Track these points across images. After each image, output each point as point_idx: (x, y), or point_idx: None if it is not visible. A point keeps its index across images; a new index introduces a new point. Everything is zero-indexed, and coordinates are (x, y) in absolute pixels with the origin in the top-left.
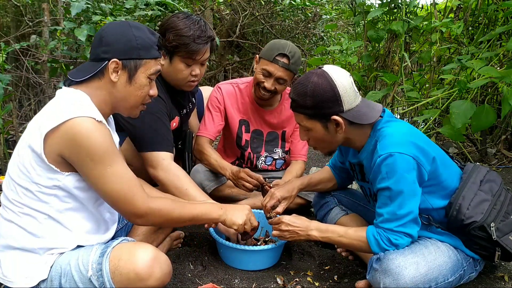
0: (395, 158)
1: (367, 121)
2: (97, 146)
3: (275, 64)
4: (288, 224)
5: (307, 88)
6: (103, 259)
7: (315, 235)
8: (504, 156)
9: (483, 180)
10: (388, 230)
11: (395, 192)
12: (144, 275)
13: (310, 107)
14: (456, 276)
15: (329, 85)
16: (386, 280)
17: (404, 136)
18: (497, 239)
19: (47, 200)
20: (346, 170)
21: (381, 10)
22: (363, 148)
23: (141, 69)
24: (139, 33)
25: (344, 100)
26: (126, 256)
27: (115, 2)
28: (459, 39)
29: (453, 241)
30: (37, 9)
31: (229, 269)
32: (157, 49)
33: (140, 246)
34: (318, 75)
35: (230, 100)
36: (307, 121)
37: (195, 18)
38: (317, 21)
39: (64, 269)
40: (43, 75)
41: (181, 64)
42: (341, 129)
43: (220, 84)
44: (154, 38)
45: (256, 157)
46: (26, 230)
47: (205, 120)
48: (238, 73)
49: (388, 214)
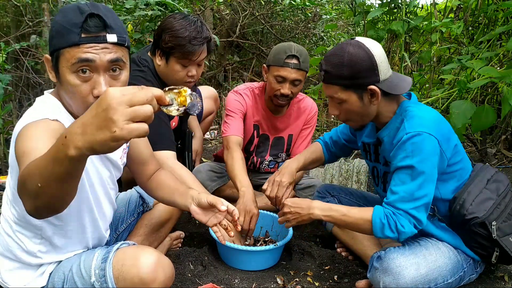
0: (423, 138)
1: (400, 92)
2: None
3: (287, 67)
4: (290, 206)
5: (343, 58)
6: (106, 265)
7: (317, 214)
8: (504, 156)
9: (490, 179)
10: (401, 211)
11: (417, 171)
12: (148, 279)
13: (347, 77)
14: (456, 278)
15: (366, 54)
16: (386, 279)
17: (433, 119)
18: (497, 238)
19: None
20: (344, 148)
21: (381, 10)
22: (387, 125)
23: (61, 62)
24: (59, 17)
25: (380, 69)
26: (130, 261)
27: (115, 2)
28: (459, 39)
29: (453, 240)
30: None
31: (229, 269)
32: (79, 32)
33: (143, 250)
34: (353, 45)
35: (249, 106)
36: (342, 92)
37: (192, 19)
38: (317, 21)
39: (66, 275)
40: (43, 75)
41: (177, 65)
42: (376, 100)
43: (239, 90)
44: (76, 19)
45: (260, 161)
46: (21, 248)
47: (229, 121)
48: (238, 73)
49: (405, 192)
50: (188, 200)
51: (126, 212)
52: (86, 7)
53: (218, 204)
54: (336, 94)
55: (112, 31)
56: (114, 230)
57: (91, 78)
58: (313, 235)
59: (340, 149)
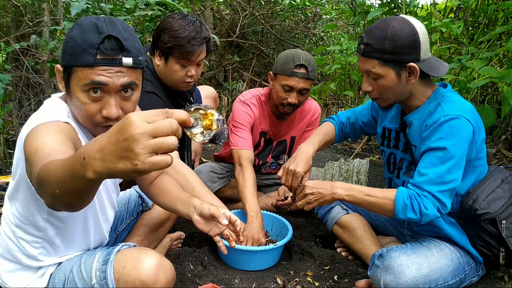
0: (461, 122)
1: (437, 74)
2: (38, 134)
3: (295, 77)
4: (312, 187)
5: (387, 32)
6: (107, 267)
7: (340, 193)
8: (504, 156)
9: (504, 180)
10: (426, 193)
11: (449, 154)
12: (149, 282)
13: (389, 52)
14: (456, 280)
15: (410, 30)
16: (387, 278)
17: (471, 107)
18: (505, 238)
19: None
20: (358, 131)
21: (381, 10)
22: (418, 108)
23: (73, 80)
24: (76, 33)
25: (422, 48)
26: (131, 263)
27: (115, 2)
28: (459, 39)
29: (460, 237)
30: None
31: (229, 269)
32: (95, 53)
33: (144, 253)
34: (398, 20)
35: (257, 116)
36: (380, 67)
37: (191, 19)
38: (317, 21)
39: (66, 276)
40: (43, 75)
41: (176, 65)
42: (414, 78)
43: (247, 100)
44: (93, 39)
45: (262, 163)
46: (22, 251)
47: (238, 134)
48: (238, 73)
49: (434, 174)
50: (190, 209)
51: (125, 212)
52: (105, 26)
53: (220, 217)
54: (374, 68)
55: (129, 55)
56: (114, 230)
57: (102, 99)
58: (313, 235)
59: (353, 131)
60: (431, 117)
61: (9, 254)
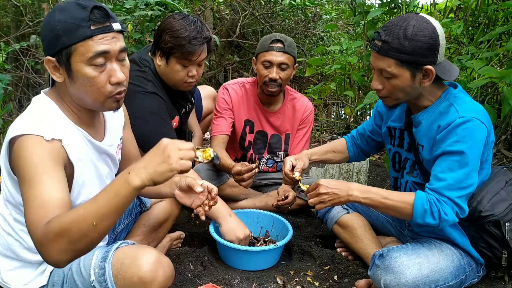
0: (476, 125)
1: (450, 78)
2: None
3: (272, 51)
4: (327, 186)
5: (408, 31)
6: (106, 264)
7: (356, 195)
8: (504, 156)
9: (508, 181)
10: (446, 198)
11: (467, 159)
12: (148, 279)
13: (407, 53)
14: (457, 281)
15: (432, 32)
16: (387, 278)
17: (483, 110)
18: (509, 240)
19: None
20: (369, 141)
21: (381, 10)
22: (427, 108)
23: (74, 58)
24: (61, 16)
25: (440, 51)
26: (129, 260)
27: (115, 2)
28: (459, 39)
29: (461, 239)
30: (37, 9)
31: (229, 269)
32: (89, 25)
33: (143, 249)
34: (419, 19)
35: (237, 101)
36: (396, 67)
37: (192, 19)
38: (317, 21)
39: (65, 274)
40: (43, 75)
41: (177, 65)
42: (428, 81)
43: (227, 85)
44: (82, 14)
45: (258, 158)
46: (22, 245)
47: (216, 121)
48: (238, 73)
49: (453, 180)
50: (172, 186)
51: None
52: (85, 1)
53: (195, 186)
54: (389, 68)
55: (114, 20)
56: (112, 231)
57: (105, 69)
58: (313, 235)
59: (365, 142)
60: (444, 118)
61: (9, 251)
